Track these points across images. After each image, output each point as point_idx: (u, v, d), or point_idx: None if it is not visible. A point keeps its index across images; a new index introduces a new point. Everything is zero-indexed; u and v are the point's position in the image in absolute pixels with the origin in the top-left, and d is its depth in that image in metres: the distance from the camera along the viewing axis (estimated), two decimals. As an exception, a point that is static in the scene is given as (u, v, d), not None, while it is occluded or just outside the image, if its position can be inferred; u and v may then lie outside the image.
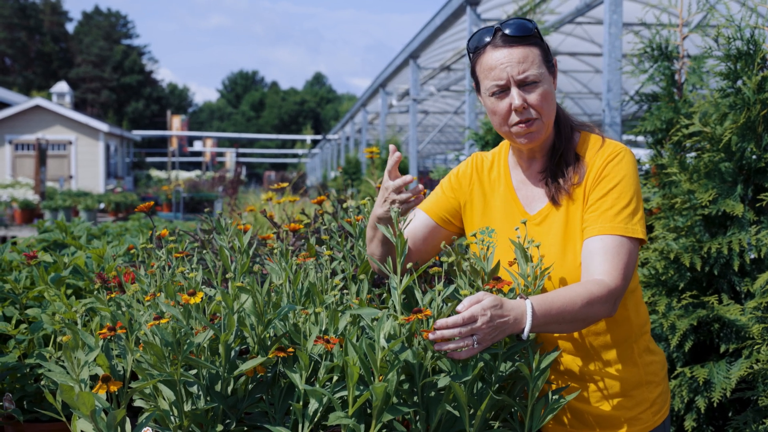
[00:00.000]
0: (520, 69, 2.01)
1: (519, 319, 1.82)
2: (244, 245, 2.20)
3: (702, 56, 4.02)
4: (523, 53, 2.02)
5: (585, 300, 1.89)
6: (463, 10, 10.41)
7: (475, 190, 2.26)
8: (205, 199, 23.63)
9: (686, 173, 3.36)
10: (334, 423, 1.82)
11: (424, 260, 2.30)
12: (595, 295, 1.91)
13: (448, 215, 2.28)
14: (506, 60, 2.02)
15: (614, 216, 2.00)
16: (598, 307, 1.92)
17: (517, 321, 1.82)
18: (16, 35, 64.69)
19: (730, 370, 3.02)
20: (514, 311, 1.81)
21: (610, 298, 1.94)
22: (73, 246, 3.50)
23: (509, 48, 2.02)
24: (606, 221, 2.00)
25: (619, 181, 2.04)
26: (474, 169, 2.28)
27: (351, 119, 29.60)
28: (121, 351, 2.09)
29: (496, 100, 2.06)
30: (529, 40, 2.04)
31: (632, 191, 2.04)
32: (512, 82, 2.02)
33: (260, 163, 67.36)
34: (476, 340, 1.76)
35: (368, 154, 2.85)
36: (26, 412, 2.57)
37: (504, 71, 2.02)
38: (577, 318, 1.90)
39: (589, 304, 1.90)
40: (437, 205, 2.30)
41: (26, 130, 29.45)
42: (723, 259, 3.18)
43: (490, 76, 2.04)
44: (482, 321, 1.76)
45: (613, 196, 2.02)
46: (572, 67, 18.59)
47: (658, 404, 2.15)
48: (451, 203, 2.28)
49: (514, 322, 1.81)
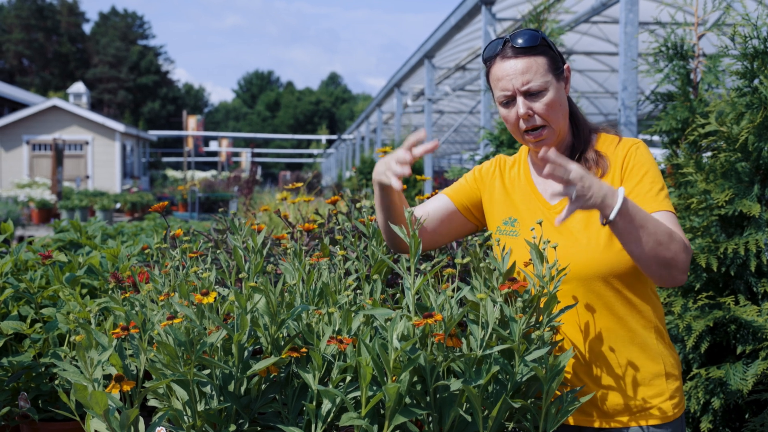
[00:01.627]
0: (524, 80, 2.11)
1: (611, 195, 1.89)
2: (257, 245, 2.20)
3: (718, 55, 3.98)
4: (527, 64, 2.11)
5: (668, 229, 1.98)
6: (478, 9, 10.39)
7: (497, 184, 2.34)
8: (221, 199, 23.69)
9: (702, 173, 3.34)
10: (346, 423, 1.82)
11: (435, 243, 2.37)
12: (676, 234, 1.99)
13: (468, 203, 2.37)
14: (511, 71, 2.12)
15: (655, 196, 2.09)
16: (676, 246, 1.98)
17: (609, 196, 1.89)
18: (33, 36, 65.13)
19: (746, 371, 3.00)
20: (606, 185, 1.90)
21: (686, 249, 2.00)
22: (88, 246, 3.51)
23: (515, 59, 2.12)
24: (651, 201, 2.08)
25: (648, 168, 2.13)
26: (497, 167, 2.39)
27: (366, 119, 29.62)
28: (135, 351, 2.10)
29: (505, 109, 2.17)
30: (534, 50, 2.12)
31: (660, 176, 2.14)
32: (517, 92, 2.12)
33: (275, 163, 67.46)
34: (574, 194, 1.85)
35: (381, 154, 2.84)
36: (41, 411, 2.58)
37: (509, 82, 2.12)
38: (658, 237, 1.95)
39: (670, 237, 1.97)
40: (460, 192, 2.39)
41: (43, 130, 29.62)
42: (740, 259, 3.16)
43: (498, 87, 2.16)
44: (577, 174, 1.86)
45: (648, 181, 2.11)
46: (588, 67, 18.51)
47: (677, 398, 2.17)
48: (474, 192, 2.37)
49: (607, 192, 1.89)
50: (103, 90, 66.38)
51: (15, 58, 65.34)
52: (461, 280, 2.71)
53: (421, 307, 1.96)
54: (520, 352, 1.87)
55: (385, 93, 23.40)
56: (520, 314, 1.87)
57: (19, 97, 33.78)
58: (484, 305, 1.86)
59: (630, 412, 2.13)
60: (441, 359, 1.84)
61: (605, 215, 1.90)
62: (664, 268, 1.98)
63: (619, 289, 2.12)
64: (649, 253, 1.96)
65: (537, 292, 1.92)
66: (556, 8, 6.73)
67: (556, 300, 1.92)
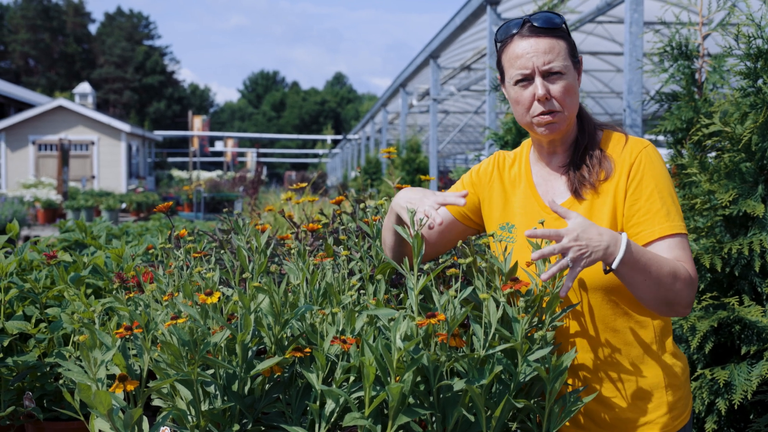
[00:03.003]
0: (546, 59, 2.03)
1: (613, 244, 1.84)
2: (261, 245, 2.21)
3: (722, 55, 3.98)
4: (549, 44, 2.04)
5: (671, 268, 1.92)
6: (483, 9, 10.38)
7: (495, 186, 2.26)
8: (226, 199, 23.72)
9: (706, 173, 3.33)
10: (350, 423, 1.82)
11: (437, 253, 2.32)
12: (680, 271, 1.94)
13: (466, 210, 2.29)
14: (532, 50, 2.04)
15: (666, 216, 2.01)
16: (680, 284, 1.93)
17: (612, 246, 1.84)
18: (39, 36, 65.28)
19: (751, 372, 2.99)
20: (607, 234, 1.85)
21: (691, 284, 1.95)
22: (93, 246, 3.52)
23: (536, 38, 2.05)
24: (661, 222, 2.01)
25: (658, 180, 2.05)
26: (495, 166, 2.30)
27: (371, 119, 29.61)
28: (139, 350, 2.10)
29: (520, 89, 2.08)
30: (556, 32, 2.06)
31: (671, 186, 2.06)
32: (537, 71, 2.04)
33: (281, 163, 67.51)
34: (570, 258, 1.80)
35: (386, 155, 2.84)
36: (46, 411, 2.59)
37: (530, 60, 2.04)
38: (661, 280, 1.90)
39: (674, 276, 1.92)
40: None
41: (49, 130, 29.69)
42: (744, 260, 3.15)
43: (516, 65, 2.06)
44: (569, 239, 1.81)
45: (658, 197, 2.03)
46: (593, 67, 18.49)
47: (678, 409, 2.11)
48: (471, 198, 2.29)
49: (609, 243, 1.84)
50: (108, 90, 66.51)
51: (21, 58, 65.51)
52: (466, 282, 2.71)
53: (424, 307, 1.96)
54: (522, 352, 1.87)
55: (391, 93, 23.40)
56: (522, 314, 1.87)
57: (25, 97, 33.85)
58: (486, 305, 1.86)
59: (628, 425, 2.08)
60: (444, 359, 1.84)
61: (608, 263, 1.86)
62: (666, 306, 1.96)
63: (617, 302, 2.06)
64: (650, 295, 1.93)
65: (539, 292, 1.92)
66: (561, 8, 6.72)
67: (559, 299, 1.91)
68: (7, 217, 16.52)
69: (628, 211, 2.04)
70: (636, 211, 2.03)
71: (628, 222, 2.04)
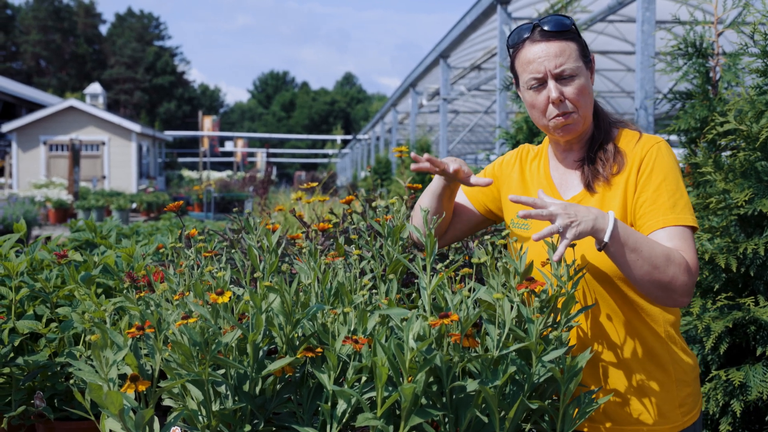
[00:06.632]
0: (557, 63, 2.06)
1: (601, 217, 1.87)
2: (272, 244, 2.19)
3: (737, 53, 3.94)
4: (560, 47, 2.07)
5: (665, 252, 1.92)
6: (494, 9, 10.36)
7: (516, 177, 2.32)
8: (236, 199, 23.77)
9: (721, 172, 3.30)
10: (362, 424, 1.80)
11: (455, 238, 2.42)
12: (675, 256, 1.93)
13: (486, 201, 2.37)
14: (544, 54, 2.07)
15: (672, 208, 2.02)
16: (675, 269, 1.92)
17: (600, 218, 1.87)
18: (50, 37, 65.58)
19: (766, 373, 2.97)
20: (595, 210, 1.88)
21: (688, 271, 1.94)
22: (104, 245, 3.51)
23: (547, 42, 2.08)
24: (665, 213, 2.02)
25: (667, 173, 2.06)
26: (518, 158, 2.36)
27: (381, 119, 29.62)
28: (150, 350, 2.09)
29: (534, 93, 2.11)
30: (566, 35, 2.09)
31: (680, 181, 2.08)
32: (549, 75, 2.07)
33: (291, 163, 67.64)
34: (559, 225, 1.82)
35: (397, 153, 2.83)
36: (57, 411, 2.58)
37: (542, 65, 2.07)
38: (654, 261, 1.90)
39: (667, 258, 1.91)
40: (478, 190, 2.38)
41: (60, 130, 29.82)
42: (759, 259, 3.12)
43: (528, 70, 2.10)
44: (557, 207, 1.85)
45: (665, 189, 2.04)
46: (604, 66, 18.44)
47: (688, 404, 2.12)
48: (491, 189, 2.36)
49: (597, 215, 1.87)
50: (119, 91, 66.75)
51: (32, 59, 65.81)
52: (477, 280, 2.69)
53: (437, 307, 1.94)
54: (537, 353, 1.85)
55: (400, 93, 23.40)
56: (537, 314, 1.85)
57: (37, 97, 33.99)
58: (500, 305, 1.84)
59: (638, 420, 2.08)
60: (457, 360, 1.83)
61: (599, 239, 1.87)
62: (661, 290, 1.94)
63: (625, 292, 2.07)
64: (643, 277, 1.91)
65: (554, 292, 1.90)
66: (572, 7, 6.70)
67: (575, 300, 1.90)
68: (18, 217, 16.59)
69: (637, 203, 2.07)
70: (643, 202, 2.05)
71: (636, 213, 2.07)
